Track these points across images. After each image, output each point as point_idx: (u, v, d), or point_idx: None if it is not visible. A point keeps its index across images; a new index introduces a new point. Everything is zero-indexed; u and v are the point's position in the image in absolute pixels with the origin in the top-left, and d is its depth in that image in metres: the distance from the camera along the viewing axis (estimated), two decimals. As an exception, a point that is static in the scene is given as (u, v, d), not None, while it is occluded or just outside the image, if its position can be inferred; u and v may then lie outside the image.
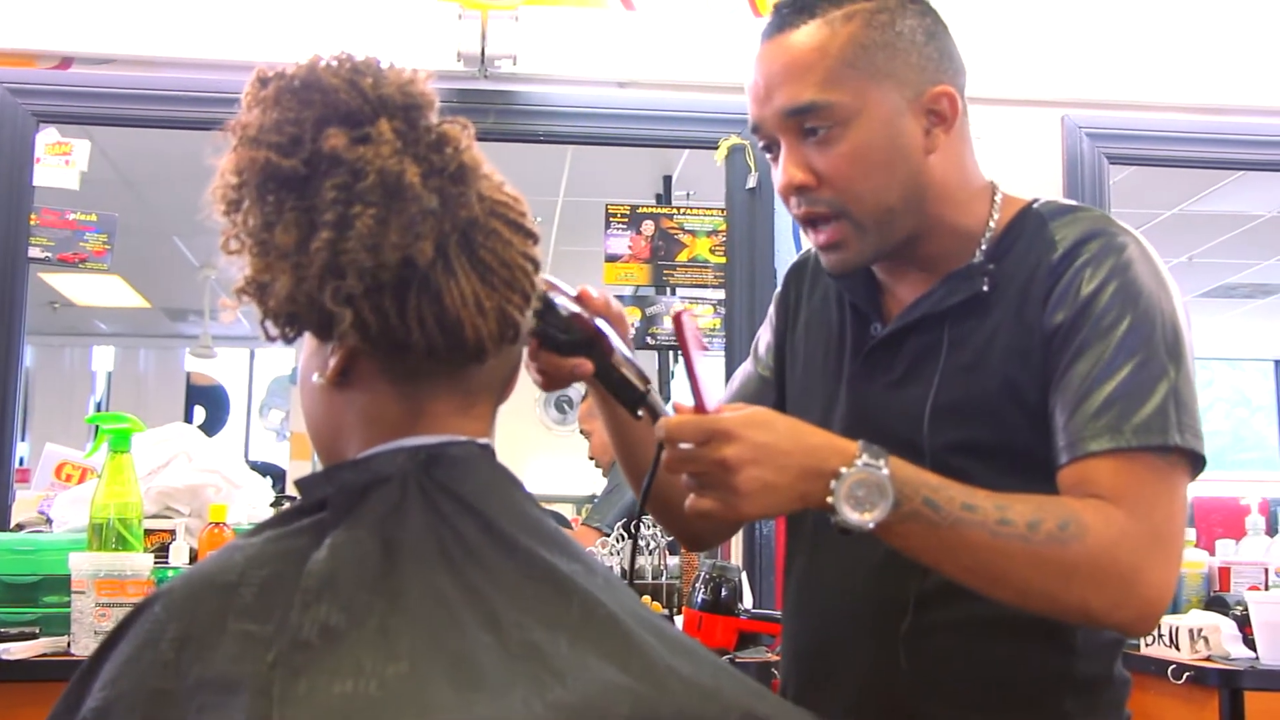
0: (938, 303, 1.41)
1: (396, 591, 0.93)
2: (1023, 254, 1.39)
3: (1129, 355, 1.29)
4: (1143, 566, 1.24)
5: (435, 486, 1.01)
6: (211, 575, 0.97)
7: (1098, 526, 1.23)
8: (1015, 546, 1.22)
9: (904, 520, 1.21)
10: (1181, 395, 1.29)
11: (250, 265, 1.01)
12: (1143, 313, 1.31)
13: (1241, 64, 3.45)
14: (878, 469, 1.21)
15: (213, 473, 2.74)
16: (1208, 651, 2.58)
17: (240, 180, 0.99)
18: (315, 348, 1.08)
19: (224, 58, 3.17)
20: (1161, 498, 1.27)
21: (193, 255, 6.49)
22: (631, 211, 3.40)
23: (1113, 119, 3.40)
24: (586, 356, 1.29)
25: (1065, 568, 1.22)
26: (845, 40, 1.36)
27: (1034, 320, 1.35)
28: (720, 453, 1.18)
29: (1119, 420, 1.27)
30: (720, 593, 2.43)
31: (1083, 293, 1.33)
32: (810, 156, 1.37)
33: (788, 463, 1.20)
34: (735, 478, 1.19)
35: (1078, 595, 1.23)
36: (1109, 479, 1.27)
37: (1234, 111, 3.43)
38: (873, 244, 1.40)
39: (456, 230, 1.01)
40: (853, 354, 1.49)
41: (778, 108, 1.37)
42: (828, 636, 1.48)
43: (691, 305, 3.41)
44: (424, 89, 1.03)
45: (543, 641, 0.93)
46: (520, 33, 3.24)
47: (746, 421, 1.20)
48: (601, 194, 3.82)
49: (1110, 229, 1.37)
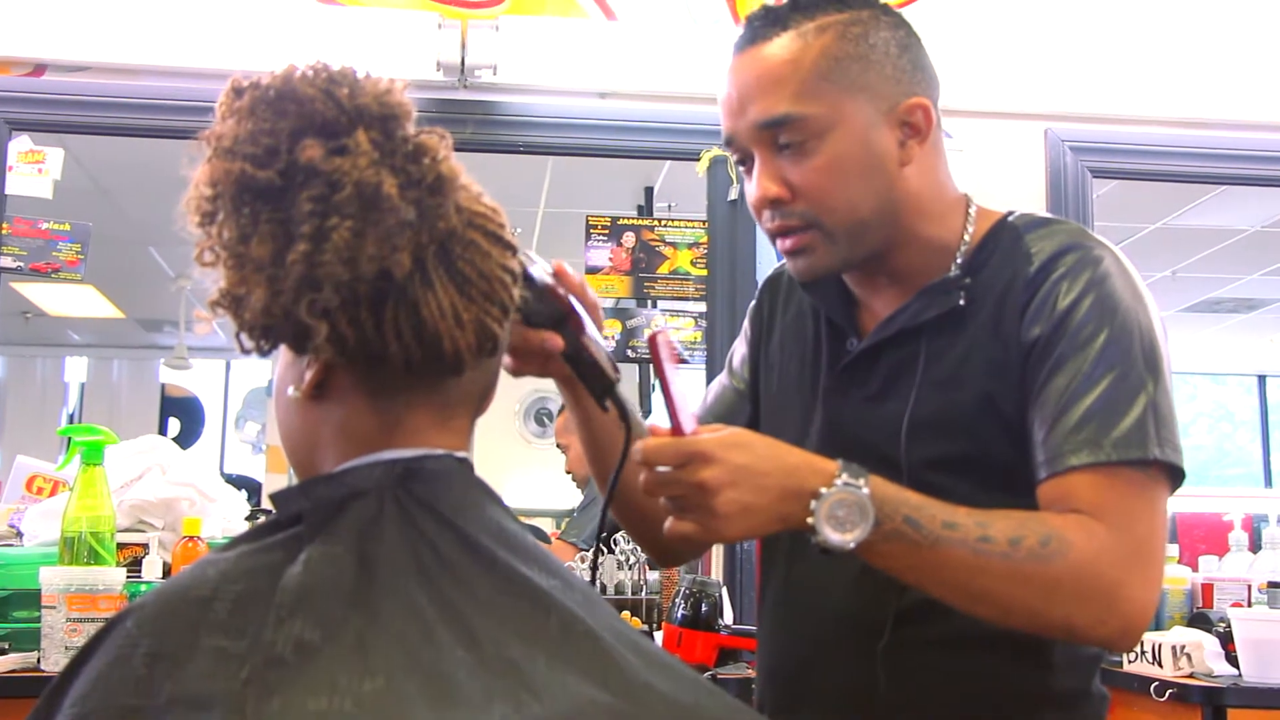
0: (913, 317, 1.41)
1: (372, 607, 0.93)
2: (998, 268, 1.39)
3: (1107, 369, 1.30)
4: (1125, 581, 1.24)
5: (412, 501, 1.01)
6: (184, 590, 0.97)
7: (1080, 542, 1.23)
8: (997, 564, 1.22)
9: (885, 539, 1.21)
10: (1160, 408, 1.30)
11: (225, 277, 1.00)
12: (1120, 326, 1.32)
13: (1225, 78, 3.47)
14: (858, 488, 1.21)
15: (187, 486, 2.73)
16: (1190, 669, 2.58)
17: (215, 191, 0.99)
18: (291, 360, 1.08)
19: (200, 66, 3.16)
20: (1142, 512, 1.28)
21: (169, 265, 6.48)
22: (612, 223, 3.40)
23: (1096, 132, 3.42)
24: (557, 332, 1.27)
25: (1048, 584, 1.22)
26: (818, 53, 1.36)
27: (1011, 334, 1.36)
28: (698, 475, 1.18)
29: (1098, 434, 1.28)
30: (700, 608, 2.43)
31: (1059, 306, 1.33)
32: (784, 169, 1.37)
33: (767, 484, 1.20)
34: (714, 500, 1.18)
35: (1060, 611, 1.24)
36: (1089, 494, 1.27)
37: (1217, 126, 3.45)
38: (841, 254, 1.40)
39: (434, 242, 1.01)
40: (828, 368, 1.49)
41: (751, 121, 1.38)
42: (804, 653, 1.47)
43: (673, 318, 3.41)
44: (401, 99, 1.03)
45: (520, 658, 0.93)
46: (500, 43, 3.24)
47: (725, 443, 1.20)
48: (583, 205, 3.82)
49: (1086, 242, 1.38)
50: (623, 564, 2.99)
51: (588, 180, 4.81)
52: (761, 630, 1.58)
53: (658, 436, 1.22)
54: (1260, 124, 3.45)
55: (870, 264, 1.43)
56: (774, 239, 1.43)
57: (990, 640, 1.34)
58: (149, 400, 8.72)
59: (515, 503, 1.09)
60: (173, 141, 2.92)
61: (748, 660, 2.41)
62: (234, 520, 2.80)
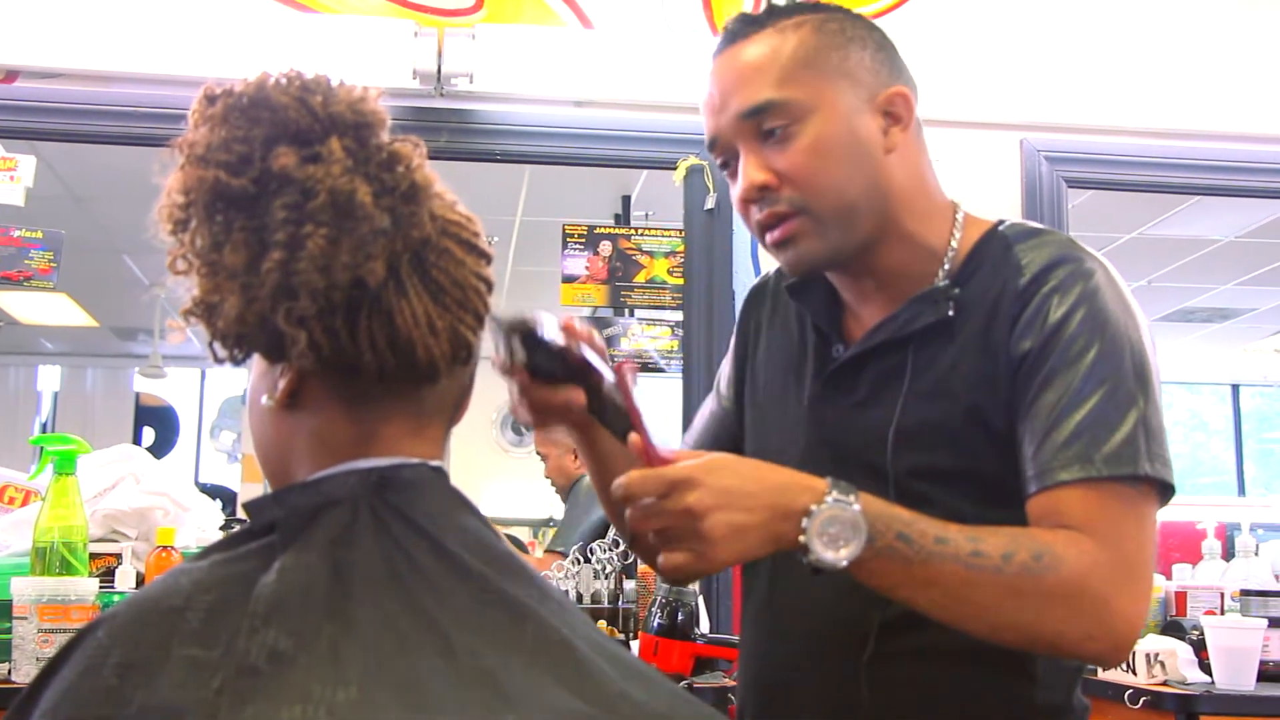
0: (902, 326, 1.41)
1: (346, 616, 0.93)
2: (988, 278, 1.39)
3: (1098, 384, 1.30)
4: (1115, 596, 1.24)
5: (387, 509, 1.01)
6: (156, 600, 0.96)
7: (1071, 557, 1.23)
8: (988, 578, 1.22)
9: (877, 556, 1.21)
10: (1151, 424, 1.30)
11: (198, 286, 1.00)
12: (1110, 340, 1.31)
13: (1200, 89, 3.48)
14: (849, 505, 1.20)
15: (161, 495, 2.71)
16: (1164, 676, 2.59)
17: (188, 199, 0.99)
18: (264, 369, 1.08)
19: (174, 73, 3.14)
20: (1132, 528, 1.28)
21: (143, 273, 6.45)
22: (589, 232, 3.40)
23: (1071, 142, 3.43)
24: (578, 386, 1.30)
25: (1039, 599, 1.22)
26: (797, 43, 1.38)
27: (1000, 346, 1.35)
28: (684, 502, 1.17)
29: (1089, 449, 1.27)
30: (677, 617, 2.42)
31: (1050, 320, 1.33)
32: (770, 158, 1.38)
33: (755, 504, 1.19)
34: (703, 524, 1.17)
35: (1051, 626, 1.24)
36: (1079, 509, 1.27)
37: (1192, 136, 3.46)
38: (833, 241, 1.39)
39: (408, 250, 1.01)
40: (814, 375, 1.49)
41: (734, 112, 1.39)
42: (788, 664, 1.47)
43: (649, 326, 3.41)
44: (375, 107, 1.03)
45: (496, 667, 0.93)
46: (477, 51, 3.23)
47: (707, 468, 1.19)
48: (560, 214, 3.82)
49: (1077, 254, 1.37)
50: (599, 573, 2.99)
51: (565, 189, 4.81)
52: (744, 640, 1.57)
53: (635, 472, 1.20)
54: (1235, 135, 3.47)
55: (858, 263, 1.43)
56: (763, 234, 1.42)
57: (974, 653, 1.33)
58: (123, 409, 8.67)
59: (491, 512, 1.09)
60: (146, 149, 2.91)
61: (724, 669, 2.41)
62: (208, 530, 2.79)
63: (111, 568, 2.54)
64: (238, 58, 3.14)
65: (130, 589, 2.45)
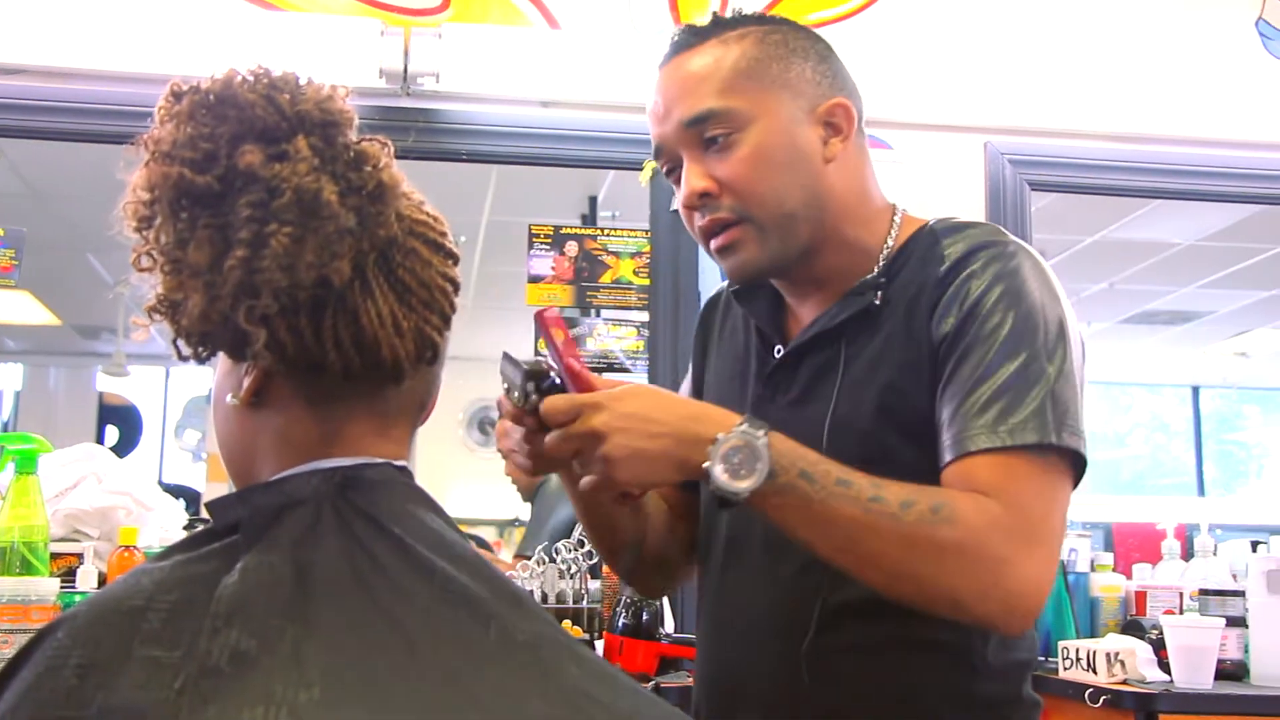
0: (832, 319, 1.44)
1: (309, 617, 0.92)
2: (915, 270, 1.42)
3: (1010, 356, 1.32)
4: (1012, 559, 1.25)
5: (351, 509, 1.01)
6: (118, 600, 0.95)
7: (969, 513, 1.25)
8: (886, 524, 1.24)
9: (779, 492, 1.23)
10: (1060, 396, 1.32)
11: (162, 283, 0.99)
12: (1025, 314, 1.34)
13: (1161, 94, 3.51)
14: (755, 437, 1.23)
15: (123, 495, 2.69)
16: (1124, 675, 2.61)
17: (152, 196, 0.98)
18: (229, 368, 1.07)
19: (139, 70, 3.12)
20: (1038, 495, 1.29)
21: (107, 272, 6.40)
22: (555, 232, 3.40)
23: (1035, 146, 3.45)
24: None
25: (934, 550, 1.24)
26: (739, 54, 1.42)
27: (922, 332, 1.38)
28: (589, 424, 1.22)
29: (998, 420, 1.30)
30: (641, 617, 2.43)
31: (969, 300, 1.36)
32: (711, 165, 1.41)
33: (659, 430, 1.23)
34: (604, 446, 1.22)
35: (946, 581, 1.25)
36: (986, 475, 1.29)
37: (1153, 140, 3.49)
38: (773, 248, 1.42)
39: (374, 250, 1.01)
40: (756, 376, 1.52)
41: (677, 121, 1.42)
42: (736, 659, 1.49)
43: (615, 327, 3.41)
44: (342, 106, 1.03)
45: (459, 668, 0.92)
46: (443, 50, 3.23)
47: (616, 394, 1.25)
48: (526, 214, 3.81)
49: (999, 240, 1.41)
50: (564, 573, 2.98)
51: (531, 189, 4.80)
52: (698, 636, 1.59)
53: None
54: (1196, 139, 3.50)
55: (800, 268, 1.46)
56: (706, 240, 1.46)
57: (917, 644, 1.35)
58: (86, 408, 8.60)
59: (457, 512, 1.09)
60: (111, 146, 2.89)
61: (688, 669, 2.42)
62: (172, 530, 2.76)
63: (73, 568, 2.51)
64: (204, 55, 3.11)
65: (92, 589, 2.43)
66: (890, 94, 2.94)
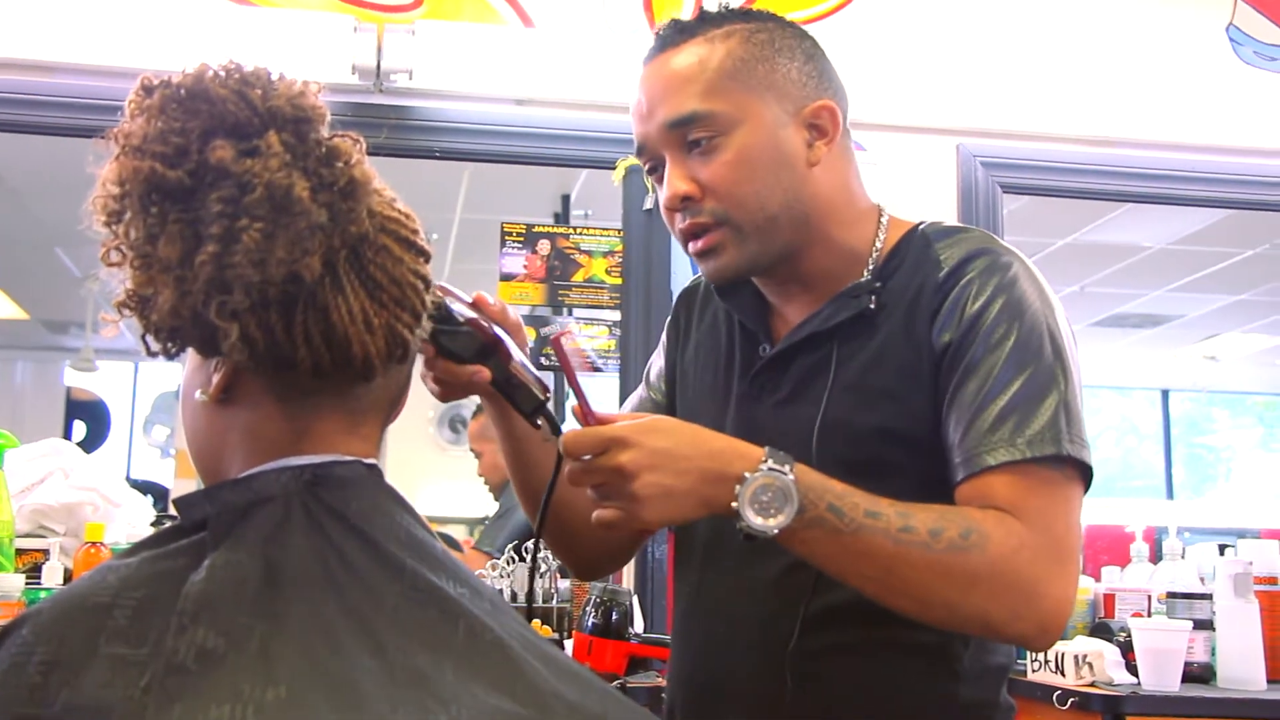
0: (825, 321, 1.43)
1: (277, 615, 0.92)
2: (909, 273, 1.42)
3: (1018, 370, 1.32)
4: (1043, 578, 1.26)
5: (320, 507, 1.01)
6: (83, 597, 0.95)
7: (998, 536, 1.25)
8: (917, 554, 1.23)
9: (808, 526, 1.23)
10: (1071, 406, 1.33)
11: (132, 278, 0.99)
12: (1029, 327, 1.34)
13: (1133, 98, 3.53)
14: (783, 474, 1.22)
15: (90, 490, 2.68)
16: (1092, 677, 2.63)
17: (122, 190, 0.98)
18: (198, 364, 1.07)
19: (110, 64, 3.10)
20: (1059, 510, 1.30)
21: (75, 266, 6.36)
22: (527, 230, 3.39)
23: (1007, 148, 3.46)
24: (484, 364, 1.29)
25: (966, 576, 1.24)
26: (724, 55, 1.41)
27: (922, 338, 1.38)
28: (616, 460, 1.20)
29: (1013, 434, 1.30)
30: (611, 617, 2.42)
31: (969, 311, 1.36)
32: (694, 168, 1.40)
33: (688, 467, 1.22)
34: (633, 484, 1.20)
35: (978, 605, 1.25)
36: (1006, 492, 1.29)
37: (1124, 144, 3.51)
38: (751, 252, 1.42)
39: (346, 246, 1.01)
40: (741, 374, 1.51)
41: (660, 121, 1.41)
42: (715, 660, 1.48)
43: (587, 325, 3.41)
44: (314, 102, 1.02)
45: (427, 666, 0.92)
46: (417, 47, 3.22)
47: (643, 428, 1.22)
48: (499, 212, 3.80)
49: (994, 248, 1.41)
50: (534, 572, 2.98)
51: (504, 187, 4.79)
52: (674, 637, 1.58)
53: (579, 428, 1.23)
54: (1167, 143, 3.52)
55: (782, 268, 1.45)
56: (686, 242, 1.45)
57: (898, 648, 1.35)
58: (53, 403, 8.55)
59: (428, 510, 1.08)
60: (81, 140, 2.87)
61: (658, 669, 2.42)
62: (139, 526, 2.75)
63: (38, 564, 2.50)
64: (176, 50, 3.10)
65: (57, 585, 2.42)
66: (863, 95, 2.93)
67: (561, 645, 2.61)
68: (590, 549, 1.60)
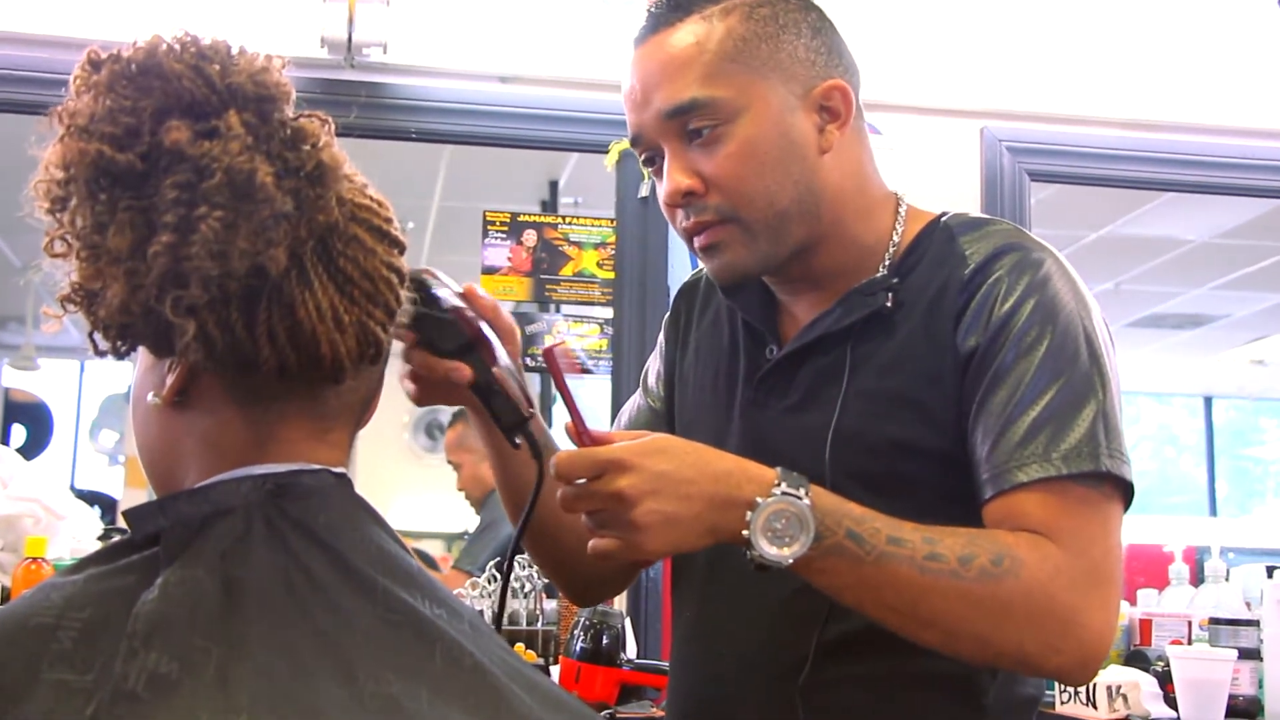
0: (838, 321, 1.42)
1: (237, 637, 0.92)
2: (931, 269, 1.41)
3: (1053, 377, 1.31)
4: (1081, 606, 1.25)
5: (284, 519, 1.01)
6: (24, 617, 0.95)
7: (1033, 562, 1.24)
8: (945, 584, 1.23)
9: (825, 555, 1.22)
10: (1109, 417, 1.32)
11: (78, 270, 0.99)
12: (1063, 330, 1.33)
13: (1174, 78, 3.53)
14: (798, 498, 1.21)
15: (31, 501, 2.68)
16: (1126, 710, 2.63)
17: (68, 175, 0.98)
18: (151, 364, 1.07)
19: (53, 33, 3.10)
20: (1097, 531, 1.29)
21: (14, 255, 6.35)
22: (512, 219, 3.40)
23: (1036, 132, 3.46)
24: (466, 362, 1.27)
25: (999, 606, 1.23)
26: (724, 34, 1.38)
27: (945, 340, 1.37)
28: (615, 485, 1.19)
29: (1047, 448, 1.29)
30: (601, 641, 2.42)
31: (998, 313, 1.35)
32: (696, 161, 1.39)
33: (692, 491, 1.20)
34: (633, 512, 1.19)
35: (1012, 637, 1.25)
36: (1039, 512, 1.28)
37: (1165, 129, 3.51)
38: (762, 251, 1.41)
39: (313, 236, 1.01)
40: (746, 378, 1.50)
41: (657, 110, 1.39)
42: (720, 690, 1.47)
43: (576, 324, 3.41)
44: (279, 78, 1.02)
45: (401, 694, 0.93)
46: (391, 18, 3.22)
47: (643, 450, 1.21)
48: (480, 199, 3.81)
49: (1024, 243, 1.40)
50: (517, 592, 2.98)
51: (486, 172, 4.80)
52: (673, 665, 1.58)
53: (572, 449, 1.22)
54: (1210, 128, 3.52)
55: (793, 265, 1.44)
56: (689, 239, 1.44)
57: (920, 679, 1.35)
58: (-10, 406, 8.54)
59: (402, 524, 1.09)
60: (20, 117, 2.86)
61: (652, 698, 2.42)
62: (85, 540, 2.76)
63: (-26, 582, 2.50)
64: (126, 19, 3.09)
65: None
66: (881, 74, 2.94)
67: (547, 671, 2.61)
68: (585, 574, 1.59)
